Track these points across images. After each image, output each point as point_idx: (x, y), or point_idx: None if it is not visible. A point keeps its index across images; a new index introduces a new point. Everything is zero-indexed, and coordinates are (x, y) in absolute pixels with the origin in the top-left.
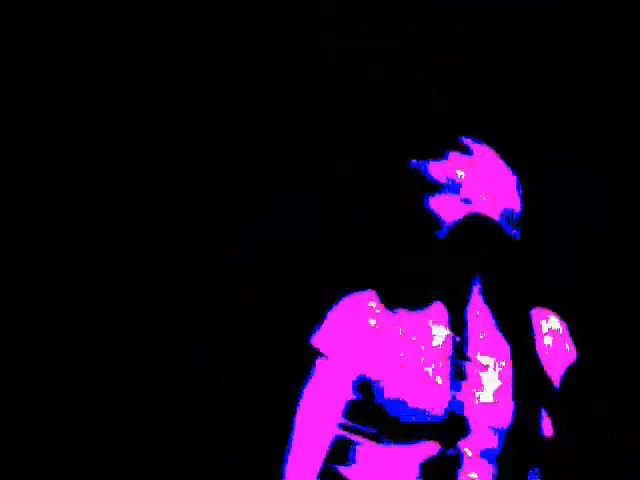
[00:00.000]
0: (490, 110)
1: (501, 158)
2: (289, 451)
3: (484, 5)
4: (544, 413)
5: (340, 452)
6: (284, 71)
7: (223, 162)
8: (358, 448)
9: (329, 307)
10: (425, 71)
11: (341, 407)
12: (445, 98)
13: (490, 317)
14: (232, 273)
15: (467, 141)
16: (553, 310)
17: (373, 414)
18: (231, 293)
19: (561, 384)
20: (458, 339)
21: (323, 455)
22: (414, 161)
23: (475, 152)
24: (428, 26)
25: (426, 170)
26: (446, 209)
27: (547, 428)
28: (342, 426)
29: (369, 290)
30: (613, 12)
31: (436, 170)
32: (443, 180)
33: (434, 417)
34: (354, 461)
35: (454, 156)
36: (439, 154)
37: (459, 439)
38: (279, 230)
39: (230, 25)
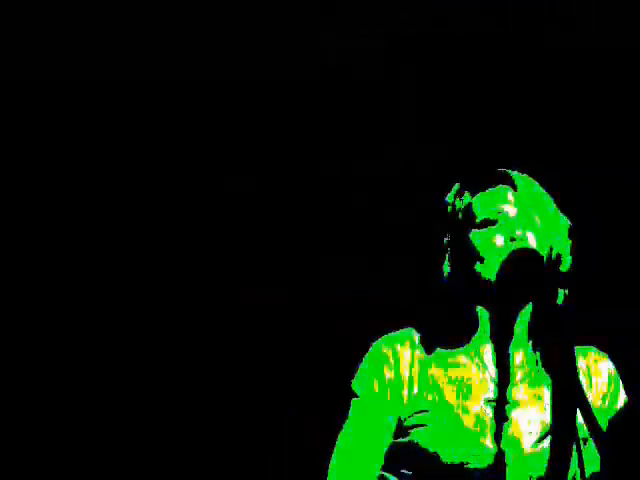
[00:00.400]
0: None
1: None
2: None
3: (484, 5)
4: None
5: None
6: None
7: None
8: None
9: (366, 348)
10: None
11: (380, 449)
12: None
13: (535, 358)
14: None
15: (512, 174)
16: (601, 351)
17: (410, 457)
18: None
19: (613, 428)
20: (501, 381)
21: None
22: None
23: (520, 186)
24: (428, 26)
25: (470, 204)
26: (492, 244)
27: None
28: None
29: (408, 328)
30: (613, 12)
31: (479, 205)
32: (489, 215)
33: (474, 463)
34: None
35: (501, 190)
36: (485, 187)
37: (497, 478)
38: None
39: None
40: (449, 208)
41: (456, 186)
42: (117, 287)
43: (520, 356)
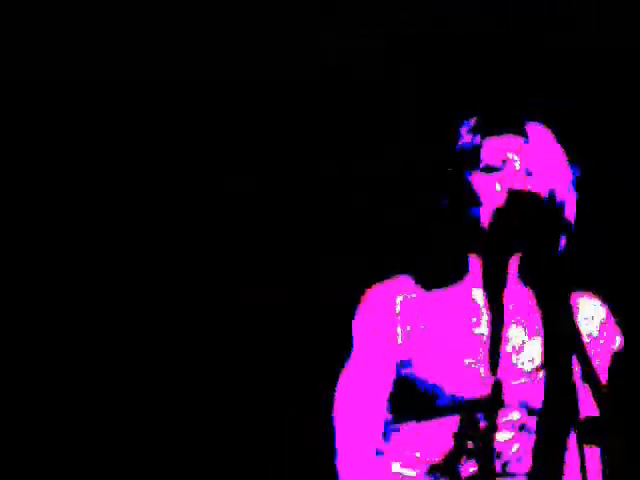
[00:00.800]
0: None
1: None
2: (337, 435)
3: (484, 5)
4: (586, 396)
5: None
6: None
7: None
8: (390, 427)
9: (364, 293)
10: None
11: (382, 394)
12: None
13: (530, 299)
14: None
15: (526, 123)
16: (599, 296)
17: (408, 395)
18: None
19: (608, 369)
20: (496, 321)
21: (373, 440)
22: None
23: (530, 134)
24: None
25: (477, 148)
26: (492, 191)
27: (587, 409)
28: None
29: (403, 275)
30: (613, 12)
31: (487, 149)
32: (495, 161)
33: (470, 396)
34: (389, 440)
35: (511, 138)
36: (497, 131)
37: (492, 410)
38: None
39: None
40: (457, 145)
41: (470, 125)
42: (116, 287)
43: (513, 296)
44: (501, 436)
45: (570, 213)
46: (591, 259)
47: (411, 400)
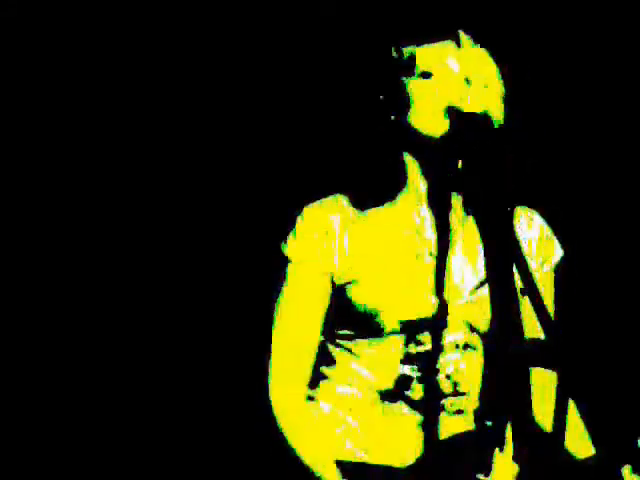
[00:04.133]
0: None
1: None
2: (272, 358)
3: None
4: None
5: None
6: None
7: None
8: (336, 351)
9: (298, 212)
10: None
11: (319, 312)
12: None
13: (470, 215)
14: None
15: (460, 32)
16: (538, 209)
17: (349, 317)
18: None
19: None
20: (438, 238)
21: (310, 360)
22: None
23: (464, 42)
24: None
25: (412, 55)
26: (429, 96)
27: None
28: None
29: (335, 195)
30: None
31: (423, 56)
32: (430, 67)
33: (414, 316)
34: (334, 362)
35: (446, 44)
36: (431, 39)
37: (436, 330)
38: None
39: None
40: (391, 54)
41: (402, 33)
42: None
43: (449, 213)
44: (448, 356)
45: (506, 124)
46: (530, 174)
47: (354, 323)
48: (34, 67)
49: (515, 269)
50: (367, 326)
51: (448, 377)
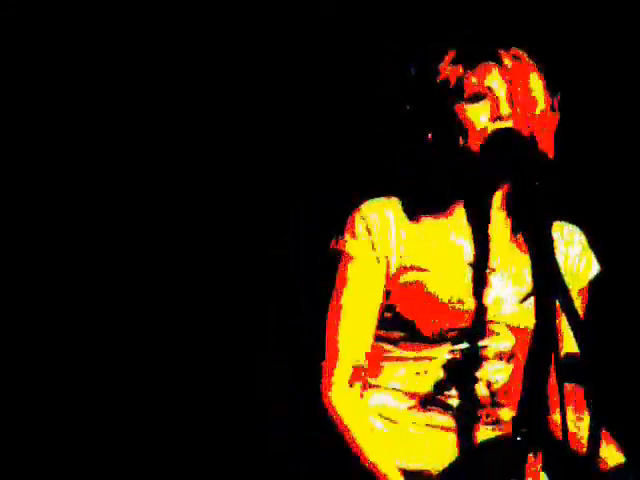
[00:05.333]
0: None
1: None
2: (328, 358)
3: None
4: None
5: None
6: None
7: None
8: (376, 357)
9: (351, 211)
10: None
11: (376, 308)
12: None
13: (511, 229)
14: None
15: (505, 51)
16: (577, 225)
17: (394, 321)
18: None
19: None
20: (481, 249)
21: (366, 357)
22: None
23: (512, 62)
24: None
25: (459, 78)
26: (477, 120)
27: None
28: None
29: (392, 196)
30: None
31: (469, 78)
32: (476, 89)
33: (456, 326)
34: (377, 371)
35: (492, 66)
36: (477, 61)
37: (480, 340)
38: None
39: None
40: (438, 77)
41: (448, 56)
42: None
43: (497, 229)
44: (488, 367)
45: (551, 143)
46: (570, 190)
47: (399, 327)
48: (34, 67)
49: (555, 284)
50: (410, 331)
51: (487, 387)
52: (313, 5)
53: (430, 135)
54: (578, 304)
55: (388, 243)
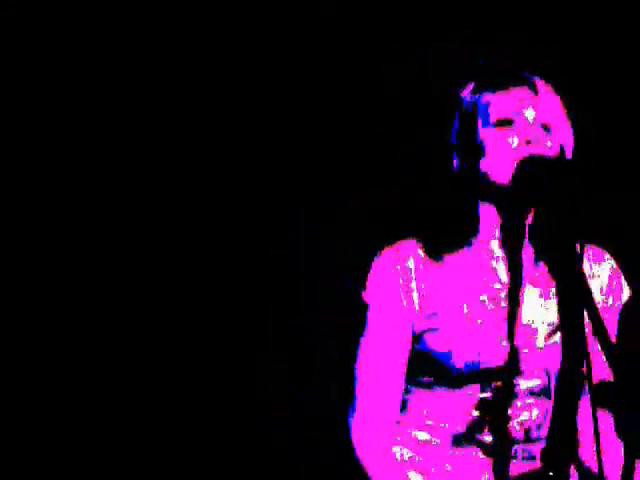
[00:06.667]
0: None
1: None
2: (358, 402)
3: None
4: (599, 355)
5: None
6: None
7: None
8: (410, 397)
9: (373, 258)
10: None
11: (402, 354)
12: None
13: (539, 258)
14: None
15: (533, 76)
16: (607, 250)
17: (426, 363)
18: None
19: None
20: (511, 284)
21: (394, 405)
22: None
23: (540, 89)
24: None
25: (487, 103)
26: (506, 145)
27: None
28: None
29: (409, 238)
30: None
31: (499, 103)
32: (507, 115)
33: (488, 363)
34: (406, 408)
35: (521, 91)
36: (504, 86)
37: (511, 379)
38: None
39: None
40: (464, 104)
41: (474, 82)
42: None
43: (526, 257)
44: (521, 403)
45: (575, 165)
46: (598, 213)
47: (431, 369)
48: (34, 67)
49: (586, 311)
50: (442, 371)
51: (521, 424)
52: (313, 5)
53: (458, 162)
54: (610, 329)
55: (411, 287)
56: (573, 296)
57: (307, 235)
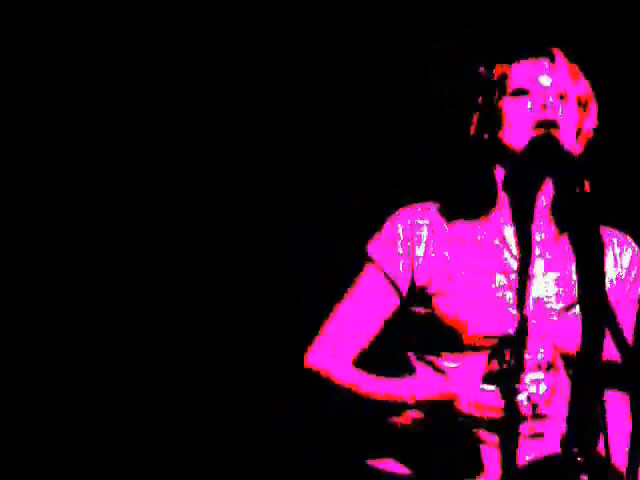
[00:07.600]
0: None
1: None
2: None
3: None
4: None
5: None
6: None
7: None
8: (419, 365)
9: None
10: None
11: (378, 315)
12: None
13: (556, 234)
14: None
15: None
16: (628, 234)
17: (433, 330)
18: None
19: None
20: (521, 255)
21: (353, 350)
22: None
23: (557, 58)
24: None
25: (504, 73)
26: (522, 112)
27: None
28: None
29: (431, 202)
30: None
31: (516, 73)
32: (523, 85)
33: (497, 331)
34: (413, 370)
35: (538, 60)
36: (522, 56)
37: (520, 349)
38: None
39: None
40: (483, 76)
41: (493, 53)
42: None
43: (540, 232)
44: (529, 377)
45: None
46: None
47: (438, 335)
48: (34, 67)
49: (600, 293)
50: (450, 339)
51: (528, 398)
52: (313, 5)
53: (475, 131)
54: (628, 312)
55: (418, 251)
56: (592, 275)
57: (307, 235)
